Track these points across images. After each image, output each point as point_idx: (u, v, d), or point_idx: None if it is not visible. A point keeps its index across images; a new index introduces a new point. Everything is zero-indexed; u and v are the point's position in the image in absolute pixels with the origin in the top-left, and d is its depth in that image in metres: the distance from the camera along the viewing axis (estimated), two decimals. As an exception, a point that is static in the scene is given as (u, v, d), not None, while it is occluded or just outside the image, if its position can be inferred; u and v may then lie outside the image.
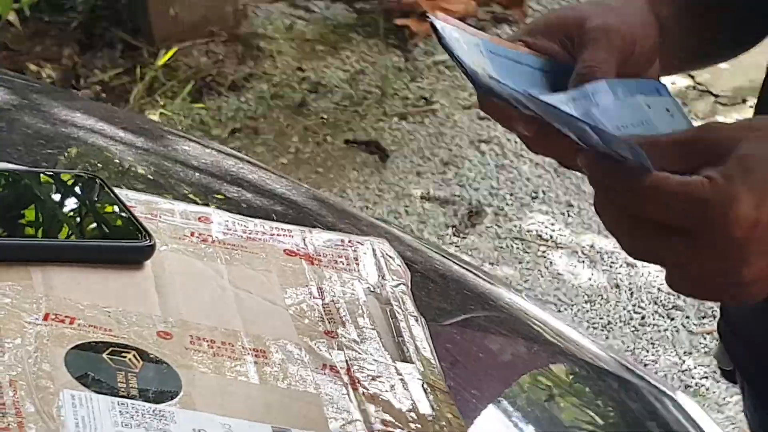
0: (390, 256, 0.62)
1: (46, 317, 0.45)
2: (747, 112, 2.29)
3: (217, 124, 1.90)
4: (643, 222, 0.38)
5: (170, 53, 2.10)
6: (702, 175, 0.36)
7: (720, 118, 1.72)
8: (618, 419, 0.67)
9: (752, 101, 0.89)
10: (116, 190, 0.56)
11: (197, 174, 0.85)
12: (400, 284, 0.59)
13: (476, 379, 0.54)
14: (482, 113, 0.91)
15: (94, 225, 0.56)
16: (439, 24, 0.50)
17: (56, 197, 0.58)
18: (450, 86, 2.03)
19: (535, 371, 0.63)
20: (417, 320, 0.56)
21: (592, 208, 0.40)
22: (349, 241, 0.63)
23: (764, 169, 0.36)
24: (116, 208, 0.56)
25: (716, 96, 2.60)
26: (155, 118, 1.82)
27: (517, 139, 0.98)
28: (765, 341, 0.60)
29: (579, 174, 0.73)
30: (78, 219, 0.58)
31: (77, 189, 0.60)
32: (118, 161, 0.82)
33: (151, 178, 0.78)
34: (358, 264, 0.60)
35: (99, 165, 0.78)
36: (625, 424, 0.65)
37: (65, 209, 0.58)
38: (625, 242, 0.39)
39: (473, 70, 0.47)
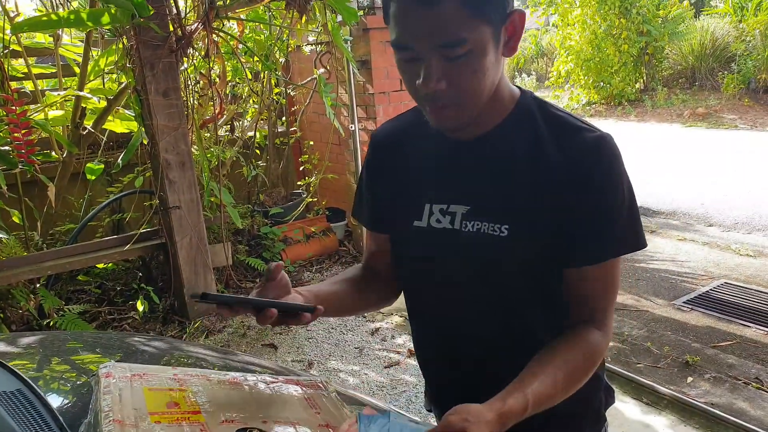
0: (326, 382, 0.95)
1: (222, 422, 0.74)
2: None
3: (217, 342, 3.32)
4: None
5: (196, 324, 3.47)
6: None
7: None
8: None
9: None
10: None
11: (228, 360, 1.26)
12: (334, 391, 0.94)
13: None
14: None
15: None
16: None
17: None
18: (321, 321, 3.40)
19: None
20: (341, 402, 0.91)
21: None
22: (320, 382, 0.98)
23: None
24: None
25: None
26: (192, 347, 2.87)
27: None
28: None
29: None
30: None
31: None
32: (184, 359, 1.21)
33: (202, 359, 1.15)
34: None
35: (182, 361, 1.17)
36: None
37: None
38: None
39: None
